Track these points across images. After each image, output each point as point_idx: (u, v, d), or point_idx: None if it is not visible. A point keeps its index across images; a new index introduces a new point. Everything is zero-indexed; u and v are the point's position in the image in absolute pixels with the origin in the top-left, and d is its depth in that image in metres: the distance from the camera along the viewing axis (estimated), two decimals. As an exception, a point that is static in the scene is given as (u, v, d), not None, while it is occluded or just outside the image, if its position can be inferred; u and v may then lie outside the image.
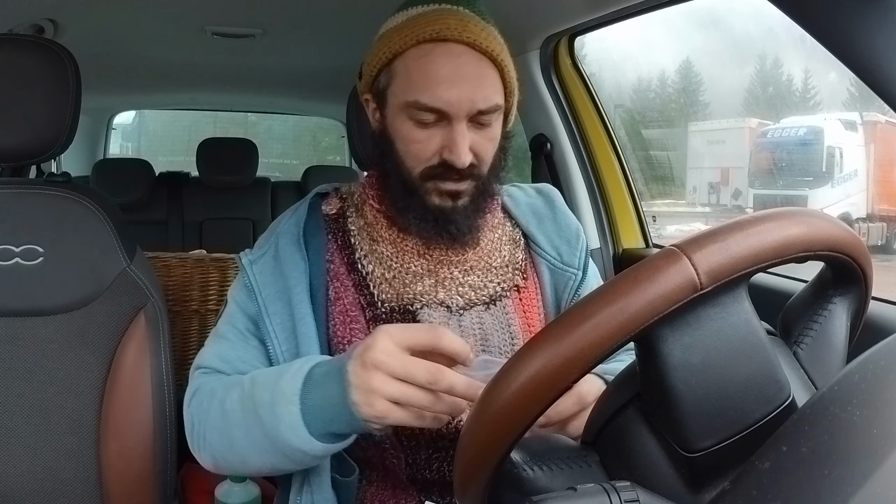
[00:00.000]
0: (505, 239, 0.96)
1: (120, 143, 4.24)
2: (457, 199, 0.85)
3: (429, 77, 0.79)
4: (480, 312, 0.89)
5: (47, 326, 1.09)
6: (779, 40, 3.29)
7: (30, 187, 1.12)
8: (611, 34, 1.60)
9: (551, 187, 1.05)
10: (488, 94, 0.81)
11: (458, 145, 0.80)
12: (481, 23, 0.83)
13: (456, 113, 0.80)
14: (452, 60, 0.79)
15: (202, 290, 1.57)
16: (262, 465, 0.79)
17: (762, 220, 0.49)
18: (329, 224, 0.94)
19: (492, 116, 0.82)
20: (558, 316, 0.50)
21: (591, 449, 0.58)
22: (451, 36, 0.79)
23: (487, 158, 0.85)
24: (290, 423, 0.72)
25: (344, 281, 0.89)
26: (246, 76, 2.57)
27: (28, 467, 1.07)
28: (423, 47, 0.80)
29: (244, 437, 0.77)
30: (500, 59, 0.82)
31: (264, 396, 0.75)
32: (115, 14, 1.69)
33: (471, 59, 0.80)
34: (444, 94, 0.79)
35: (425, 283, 0.89)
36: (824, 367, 0.58)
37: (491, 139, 0.84)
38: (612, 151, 1.71)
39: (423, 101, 0.80)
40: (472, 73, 0.80)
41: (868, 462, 0.37)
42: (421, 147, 0.82)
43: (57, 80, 1.08)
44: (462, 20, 0.81)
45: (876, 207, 3.25)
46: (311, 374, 0.74)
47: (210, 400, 0.83)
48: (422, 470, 0.87)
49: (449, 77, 0.79)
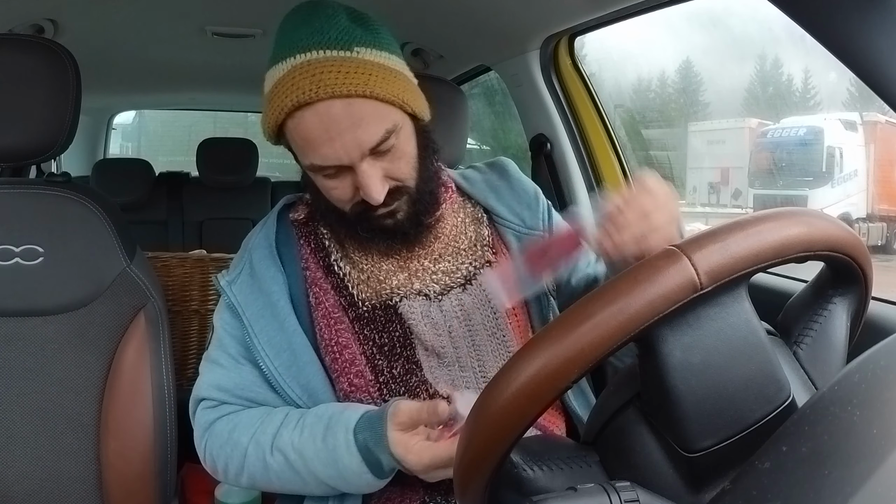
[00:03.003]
0: (468, 220, 0.98)
1: (120, 143, 4.25)
2: (395, 216, 0.86)
3: (309, 142, 0.79)
4: (459, 295, 0.91)
5: (47, 326, 1.09)
6: (779, 40, 3.29)
7: (30, 187, 1.12)
8: (611, 34, 1.60)
9: (504, 159, 1.07)
10: (371, 130, 0.78)
11: (368, 187, 0.80)
12: (337, 59, 0.77)
13: (351, 160, 0.79)
14: (322, 120, 0.77)
15: (202, 290, 1.57)
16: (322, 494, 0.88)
17: (762, 220, 0.49)
18: (299, 229, 0.96)
19: (388, 141, 0.80)
20: (558, 316, 0.50)
21: (591, 449, 0.58)
22: (310, 98, 0.76)
23: (406, 174, 0.84)
24: (369, 485, 0.83)
25: (322, 285, 0.91)
26: (246, 76, 2.56)
27: (28, 467, 1.06)
28: (294, 116, 0.79)
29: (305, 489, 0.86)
30: (370, 91, 0.77)
31: (330, 472, 0.82)
32: (115, 14, 1.68)
33: (339, 108, 0.77)
34: (328, 151, 0.79)
35: (399, 277, 0.91)
36: (824, 367, 0.58)
37: (401, 157, 0.83)
38: (612, 151, 1.71)
39: (316, 164, 0.81)
40: (346, 121, 0.77)
41: (868, 462, 0.37)
42: (339, 192, 0.84)
43: (57, 80, 1.08)
44: (314, 75, 0.76)
45: (876, 207, 3.25)
46: (359, 443, 0.80)
47: (234, 449, 0.87)
48: None
49: (325, 137, 0.78)
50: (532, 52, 1.66)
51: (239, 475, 0.87)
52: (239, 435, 0.86)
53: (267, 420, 0.86)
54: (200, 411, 0.91)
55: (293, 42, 0.80)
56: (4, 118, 1.05)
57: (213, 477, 0.92)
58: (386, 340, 0.89)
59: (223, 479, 0.90)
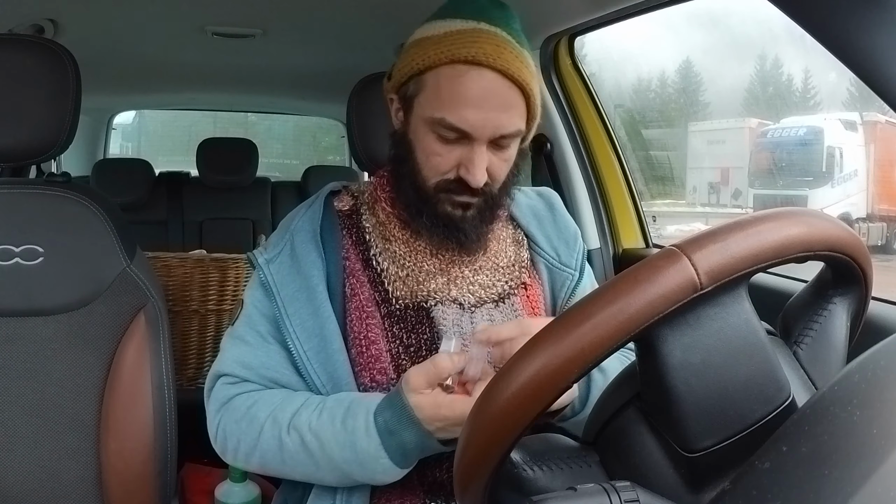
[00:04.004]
0: (509, 241, 0.99)
1: (120, 143, 4.24)
2: (467, 210, 0.88)
3: (458, 98, 0.81)
4: (490, 309, 0.92)
5: (47, 326, 1.09)
6: (779, 40, 3.29)
7: (30, 187, 1.12)
8: (611, 34, 1.60)
9: (551, 191, 1.08)
10: (513, 120, 0.84)
11: (475, 166, 0.83)
12: (517, 49, 0.84)
13: (479, 136, 0.82)
14: (483, 86, 0.81)
15: (202, 290, 1.57)
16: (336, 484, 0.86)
17: (762, 220, 0.49)
18: (343, 220, 0.95)
19: (513, 140, 0.86)
20: (558, 316, 0.50)
21: (591, 449, 0.58)
22: (485, 61, 0.81)
23: (501, 178, 0.88)
24: (384, 470, 0.80)
25: (360, 277, 0.91)
26: (246, 76, 2.57)
27: (28, 467, 1.06)
28: (456, 67, 0.82)
29: (315, 475, 0.84)
30: (529, 88, 0.84)
31: (346, 455, 0.80)
32: (115, 14, 1.68)
33: (501, 85, 0.82)
34: (470, 116, 0.81)
35: (438, 281, 0.91)
36: (824, 367, 0.58)
37: (507, 160, 0.87)
38: (612, 151, 1.71)
39: (449, 120, 0.82)
40: (501, 99, 0.82)
41: (868, 462, 0.37)
42: (440, 161, 0.85)
43: (57, 80, 1.08)
44: (498, 46, 0.82)
45: (876, 207, 3.25)
46: (378, 425, 0.79)
47: (250, 425, 0.85)
48: (432, 469, 0.88)
49: (478, 101, 0.81)
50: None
51: (250, 454, 0.86)
52: (257, 410, 0.85)
53: (287, 400, 0.86)
54: (220, 386, 0.90)
55: (481, 11, 0.85)
56: (4, 118, 1.05)
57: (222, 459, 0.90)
58: (413, 341, 0.89)
59: (232, 459, 0.88)
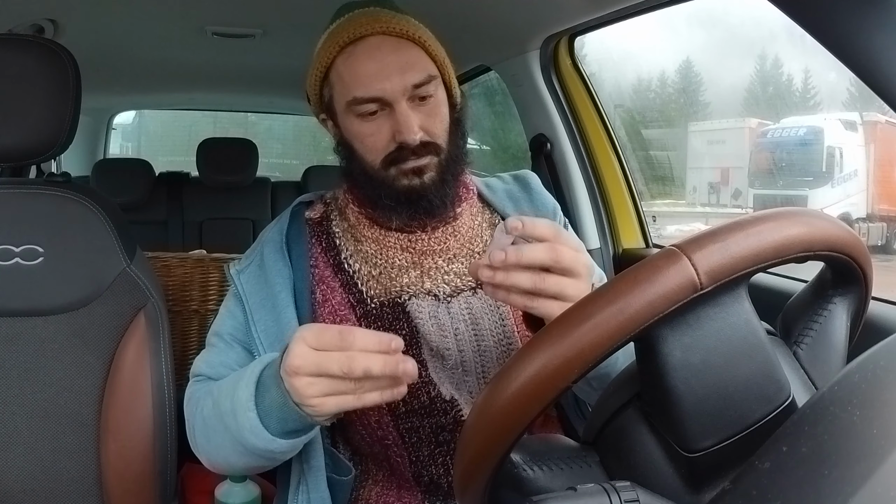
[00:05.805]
0: (485, 225, 0.98)
1: (120, 143, 4.25)
2: (422, 175, 0.88)
3: (358, 73, 0.85)
4: (468, 298, 0.91)
5: (47, 326, 1.09)
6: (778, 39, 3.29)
7: (30, 187, 1.12)
8: (611, 34, 1.60)
9: (529, 172, 1.08)
10: (416, 68, 0.86)
11: (404, 124, 0.84)
12: (396, 15, 0.89)
13: (392, 96, 0.84)
14: (374, 52, 0.85)
15: (202, 290, 1.57)
16: (244, 464, 0.83)
17: (762, 220, 0.49)
18: (312, 228, 0.97)
19: (429, 87, 0.86)
20: (558, 316, 0.50)
21: (591, 449, 0.58)
22: (366, 31, 0.85)
23: (439, 132, 0.88)
24: (251, 427, 0.75)
25: (330, 283, 0.92)
26: (246, 76, 2.57)
27: (28, 467, 1.06)
28: (346, 51, 0.86)
29: (221, 442, 0.82)
30: (419, 37, 0.87)
31: (226, 405, 0.79)
32: (114, 14, 1.68)
33: (390, 44, 0.86)
34: (374, 83, 0.84)
35: (411, 274, 0.91)
36: (824, 367, 0.58)
37: (436, 111, 0.88)
38: (612, 151, 1.71)
39: (359, 95, 0.85)
40: (395, 55, 0.85)
41: (868, 462, 0.37)
42: (374, 139, 0.87)
43: (57, 80, 1.08)
44: (375, 16, 0.87)
45: (876, 207, 3.25)
46: (262, 378, 0.76)
47: (196, 407, 0.88)
48: (427, 467, 0.87)
49: (374, 67, 0.84)
50: (532, 53, 1.66)
51: (195, 437, 0.87)
52: (201, 394, 0.88)
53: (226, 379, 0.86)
54: (190, 385, 0.93)
55: (353, 6, 0.91)
56: (4, 118, 1.05)
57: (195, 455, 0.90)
58: None
59: (194, 447, 0.89)
